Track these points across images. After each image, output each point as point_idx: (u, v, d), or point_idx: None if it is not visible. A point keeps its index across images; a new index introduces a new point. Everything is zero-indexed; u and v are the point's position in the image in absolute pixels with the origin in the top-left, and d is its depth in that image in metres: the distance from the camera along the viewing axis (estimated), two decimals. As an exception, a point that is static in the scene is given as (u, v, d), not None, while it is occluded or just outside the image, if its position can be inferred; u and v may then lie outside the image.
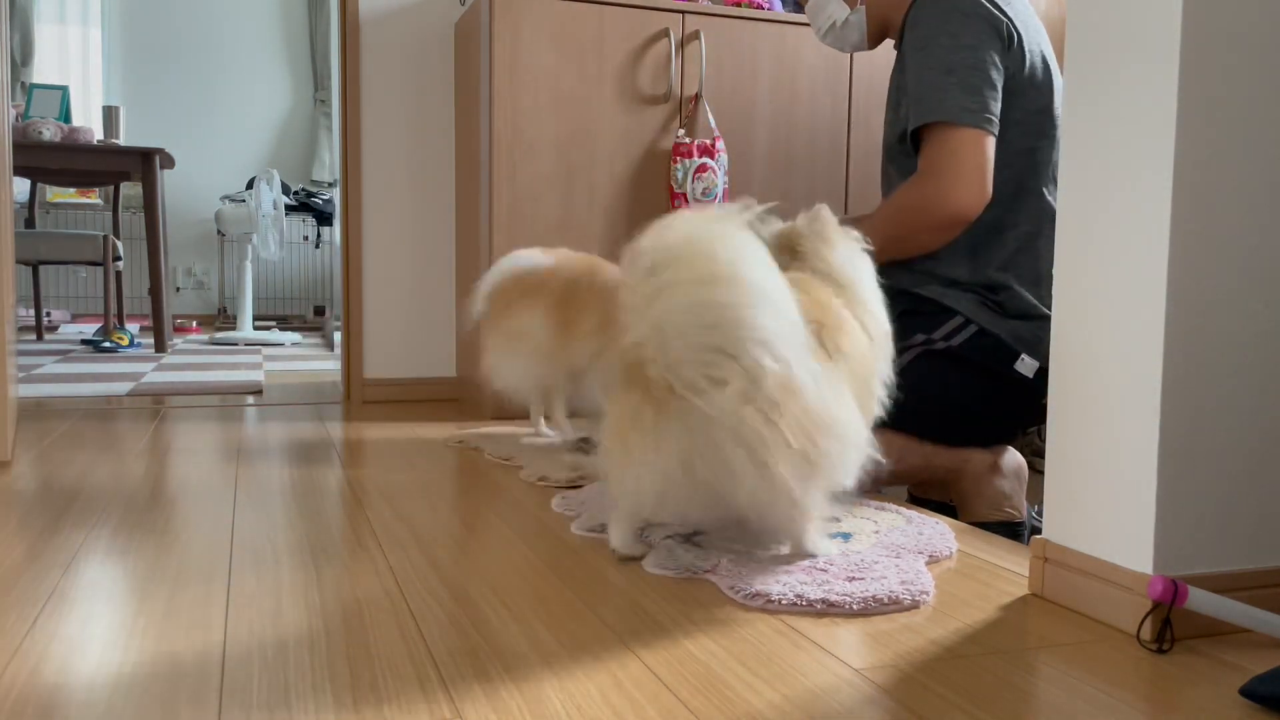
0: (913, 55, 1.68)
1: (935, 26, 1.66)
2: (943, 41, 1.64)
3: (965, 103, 1.61)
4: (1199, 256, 1.02)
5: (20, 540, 1.34)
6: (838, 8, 1.86)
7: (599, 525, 1.39)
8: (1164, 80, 1.01)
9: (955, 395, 1.66)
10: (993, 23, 1.65)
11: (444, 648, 0.98)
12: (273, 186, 5.09)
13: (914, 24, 1.71)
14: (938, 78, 1.63)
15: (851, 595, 1.10)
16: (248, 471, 1.81)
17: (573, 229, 2.48)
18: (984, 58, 1.63)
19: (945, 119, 1.62)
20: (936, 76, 1.63)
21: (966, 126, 1.61)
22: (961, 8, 1.65)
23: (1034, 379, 1.67)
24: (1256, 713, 0.86)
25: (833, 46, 1.95)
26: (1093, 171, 1.10)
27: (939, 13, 1.67)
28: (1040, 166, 1.71)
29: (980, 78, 1.62)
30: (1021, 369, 1.66)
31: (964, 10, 1.65)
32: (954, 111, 1.61)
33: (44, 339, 4.93)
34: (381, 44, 2.76)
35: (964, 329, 1.67)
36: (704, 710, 0.85)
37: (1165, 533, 1.03)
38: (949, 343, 1.66)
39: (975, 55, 1.63)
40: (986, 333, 1.66)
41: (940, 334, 1.67)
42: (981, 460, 1.72)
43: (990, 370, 1.66)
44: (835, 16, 1.87)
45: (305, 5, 6.74)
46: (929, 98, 1.63)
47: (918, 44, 1.68)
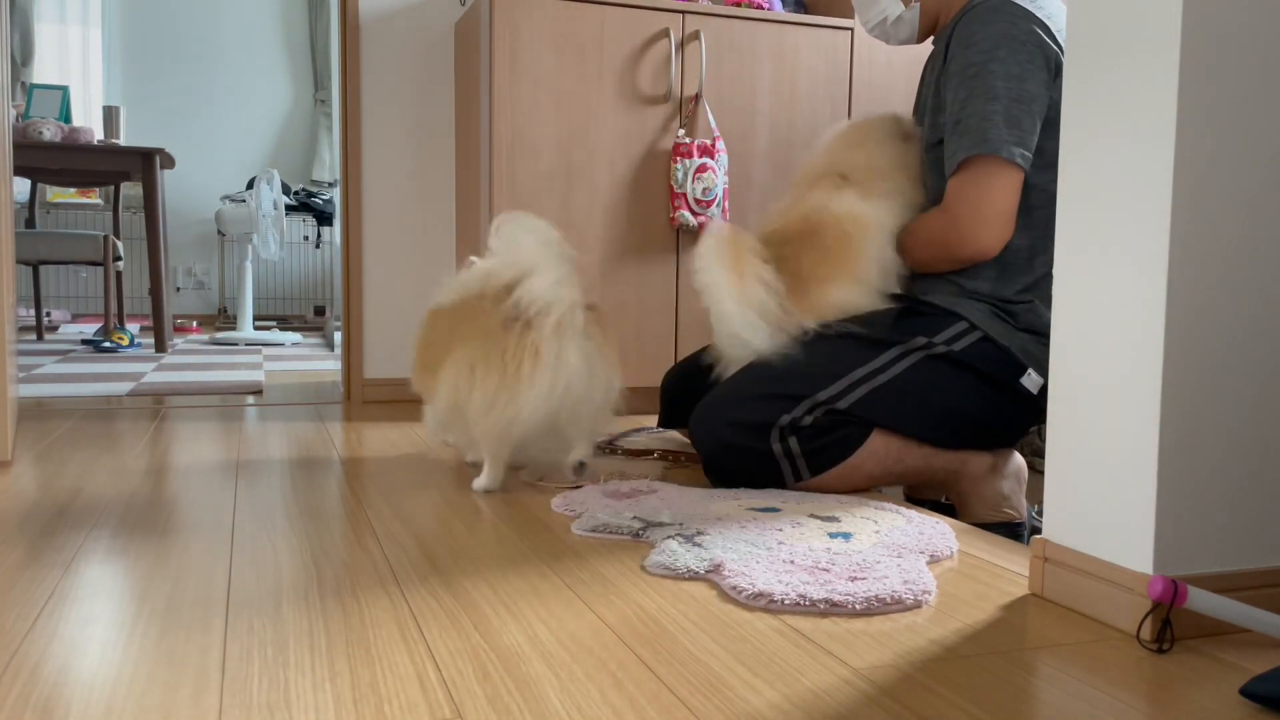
0: (960, 77, 1.66)
1: (987, 51, 1.63)
2: (993, 69, 1.62)
3: (1006, 135, 1.61)
4: (1199, 256, 1.02)
5: (20, 540, 1.34)
6: (892, 4, 1.85)
7: (601, 525, 1.39)
8: (1164, 81, 1.01)
9: (954, 400, 1.65)
10: (1044, 51, 1.63)
11: (444, 648, 0.98)
12: (273, 186, 5.09)
13: (965, 40, 1.68)
14: (983, 105, 1.62)
15: (854, 595, 1.11)
16: (248, 472, 1.81)
17: (573, 229, 2.48)
18: (1030, 89, 1.62)
19: (984, 152, 1.61)
20: (981, 104, 1.62)
21: (1003, 163, 1.62)
22: (1015, 34, 1.63)
23: (1037, 395, 1.66)
24: (1256, 713, 0.86)
25: (877, 38, 1.94)
26: (1093, 172, 1.10)
27: (992, 36, 1.64)
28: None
29: (1023, 110, 1.62)
30: (1027, 384, 1.65)
31: (1018, 37, 1.63)
32: (995, 144, 1.61)
33: (44, 339, 4.93)
34: (381, 44, 2.76)
35: (967, 335, 1.66)
36: (704, 710, 0.85)
37: (1165, 533, 1.03)
38: (950, 347, 1.64)
39: (1021, 86, 1.62)
40: (994, 343, 1.65)
41: (942, 338, 1.65)
42: (981, 462, 1.71)
43: (991, 378, 1.65)
44: (889, 12, 1.86)
45: (305, 5, 6.74)
46: (973, 128, 1.62)
47: (968, 67, 1.65)
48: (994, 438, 1.72)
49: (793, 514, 1.47)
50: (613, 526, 1.39)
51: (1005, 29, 1.63)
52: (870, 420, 1.62)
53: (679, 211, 2.50)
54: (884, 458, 1.65)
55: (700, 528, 1.37)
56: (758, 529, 1.37)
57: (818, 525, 1.40)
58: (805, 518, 1.44)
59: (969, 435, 1.69)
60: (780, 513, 1.47)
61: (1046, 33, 1.64)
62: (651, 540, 1.34)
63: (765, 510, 1.48)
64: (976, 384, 1.64)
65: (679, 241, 2.56)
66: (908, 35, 1.88)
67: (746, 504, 1.52)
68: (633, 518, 1.42)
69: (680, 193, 2.49)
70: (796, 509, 1.50)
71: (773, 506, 1.51)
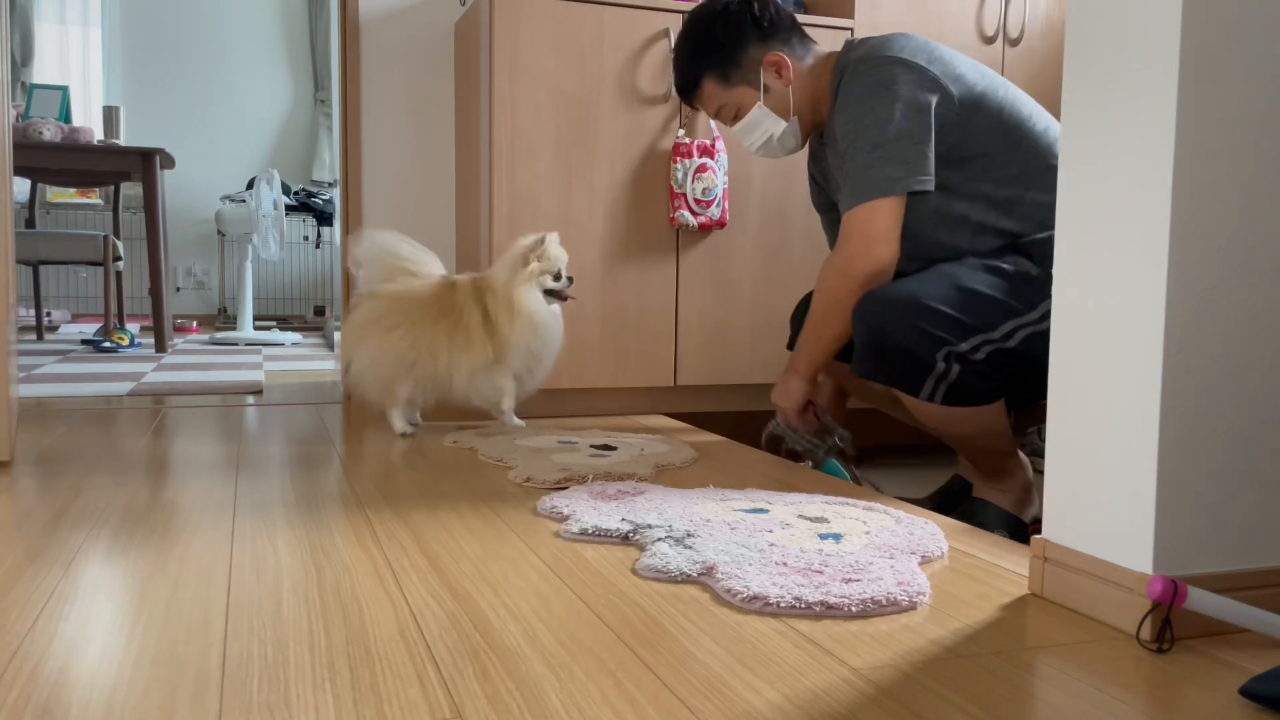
0: (844, 137, 1.79)
1: (854, 112, 1.77)
2: (866, 121, 1.75)
3: (891, 173, 1.73)
4: (1199, 256, 1.03)
5: (20, 540, 1.34)
6: (773, 123, 1.94)
7: (590, 527, 1.39)
8: (1164, 81, 1.01)
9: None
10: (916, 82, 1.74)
11: (444, 648, 0.98)
12: (273, 186, 5.09)
13: (841, 107, 1.81)
14: (865, 156, 1.75)
15: (849, 597, 1.10)
16: (247, 471, 1.81)
17: (573, 229, 2.48)
18: (906, 125, 1.73)
19: (869, 198, 1.74)
20: (864, 155, 1.75)
21: (882, 197, 1.73)
22: (881, 81, 1.75)
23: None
24: (1256, 713, 0.86)
25: (766, 157, 2.04)
26: (1092, 172, 1.10)
27: (860, 92, 1.77)
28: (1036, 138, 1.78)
29: (906, 144, 1.73)
30: None
31: (883, 83, 1.75)
32: (881, 186, 1.73)
33: (44, 339, 4.93)
34: (381, 44, 2.76)
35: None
36: (704, 710, 0.85)
37: (1165, 533, 1.03)
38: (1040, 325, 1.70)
39: (897, 126, 1.73)
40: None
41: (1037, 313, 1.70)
42: (1027, 474, 1.85)
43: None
44: (772, 131, 1.95)
45: (305, 5, 6.74)
46: (860, 179, 1.75)
47: (847, 126, 1.78)
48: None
49: (781, 515, 1.47)
50: (602, 529, 1.38)
51: (873, 83, 1.76)
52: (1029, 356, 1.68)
53: (679, 211, 2.50)
54: (989, 426, 1.76)
55: (690, 529, 1.37)
56: (748, 530, 1.37)
57: (807, 526, 1.40)
58: (794, 519, 1.44)
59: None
60: (769, 514, 1.47)
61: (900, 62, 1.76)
62: (641, 542, 1.33)
63: (753, 511, 1.49)
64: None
65: (679, 241, 2.56)
66: (793, 145, 1.99)
67: (734, 505, 1.53)
68: (621, 519, 1.42)
69: (680, 193, 2.49)
70: (784, 510, 1.50)
71: (761, 508, 1.51)
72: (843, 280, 1.78)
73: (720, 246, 2.60)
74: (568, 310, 2.50)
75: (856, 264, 1.76)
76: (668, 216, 2.53)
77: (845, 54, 1.86)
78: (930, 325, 1.67)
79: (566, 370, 2.50)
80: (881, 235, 1.74)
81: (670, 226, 2.54)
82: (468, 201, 2.69)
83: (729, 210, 2.57)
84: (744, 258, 2.61)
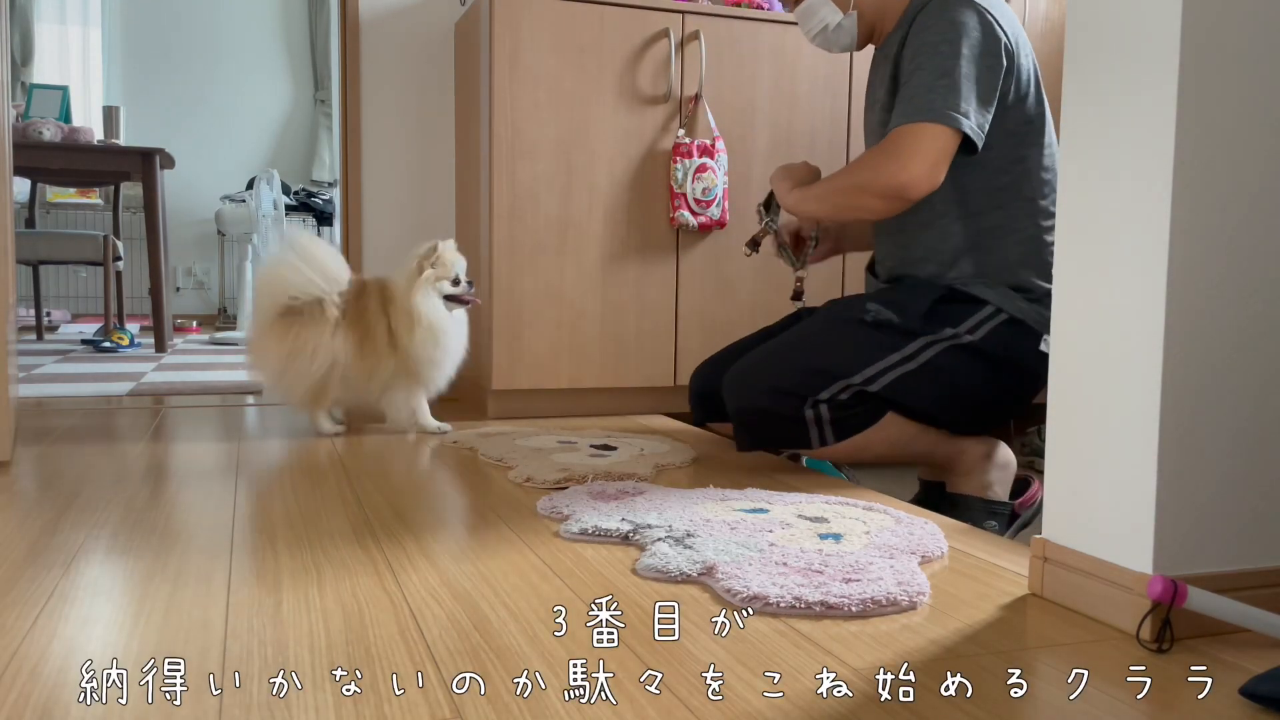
0: (912, 61, 1.74)
1: (937, 37, 1.72)
2: (942, 50, 1.70)
3: (948, 102, 1.68)
4: (1199, 256, 1.02)
5: (20, 540, 1.34)
6: (830, 12, 1.91)
7: (590, 528, 1.39)
8: (1164, 81, 1.01)
9: (971, 387, 1.78)
10: (994, 37, 1.72)
11: (444, 648, 0.98)
12: (273, 186, 5.09)
13: (919, 32, 1.76)
14: (931, 81, 1.70)
15: (849, 597, 1.10)
16: (247, 471, 1.81)
17: (573, 229, 2.48)
18: (977, 70, 1.70)
19: (922, 119, 1.68)
20: (930, 80, 1.70)
21: (937, 123, 1.68)
22: (964, 22, 1.71)
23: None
24: (1256, 713, 0.86)
25: (820, 47, 2.00)
26: (1093, 172, 1.10)
27: (942, 26, 1.73)
28: (1032, 173, 1.79)
29: (969, 86, 1.69)
30: (1045, 348, 1.75)
31: (966, 25, 1.71)
32: (936, 111, 1.68)
33: (44, 339, 4.93)
34: (381, 44, 2.76)
35: (992, 319, 1.76)
36: (704, 710, 0.85)
37: (1165, 533, 1.03)
38: (974, 336, 1.75)
39: (970, 65, 1.70)
40: (1014, 320, 1.76)
41: (966, 326, 1.75)
42: (977, 450, 1.84)
43: (1007, 360, 1.76)
44: (828, 20, 1.92)
45: (305, 5, 6.74)
46: (917, 99, 1.70)
47: (919, 52, 1.73)
48: (1004, 414, 1.88)
49: (781, 515, 1.47)
50: (602, 529, 1.38)
51: (954, 18, 1.72)
52: (897, 402, 1.76)
53: (679, 211, 2.50)
54: (895, 439, 1.79)
55: (690, 529, 1.37)
56: (748, 530, 1.37)
57: (807, 526, 1.40)
58: (794, 519, 1.44)
59: (979, 417, 1.83)
60: (769, 514, 1.47)
61: (989, 21, 1.72)
62: (641, 542, 1.33)
63: (754, 511, 1.48)
64: (993, 370, 1.77)
65: (679, 241, 2.56)
66: (848, 42, 1.95)
67: (734, 505, 1.52)
68: (621, 519, 1.42)
69: (680, 193, 2.49)
70: (784, 510, 1.50)
71: (760, 508, 1.51)
72: (870, 183, 1.73)
73: (720, 246, 2.60)
74: (568, 309, 2.50)
75: (883, 172, 1.71)
76: (668, 216, 2.53)
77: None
78: (786, 385, 1.75)
79: (566, 370, 2.50)
80: (926, 155, 1.67)
81: (670, 226, 2.54)
82: (468, 201, 2.69)
83: (729, 210, 2.57)
84: (744, 258, 2.61)
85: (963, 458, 1.83)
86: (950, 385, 1.75)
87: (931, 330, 1.75)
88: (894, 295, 1.83)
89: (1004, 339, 1.75)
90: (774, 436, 1.82)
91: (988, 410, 1.83)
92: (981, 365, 1.76)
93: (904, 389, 1.74)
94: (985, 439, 1.85)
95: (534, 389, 2.49)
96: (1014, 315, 1.75)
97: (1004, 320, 1.75)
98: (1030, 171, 1.78)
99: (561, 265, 2.48)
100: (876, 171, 1.72)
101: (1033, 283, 1.78)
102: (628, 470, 1.78)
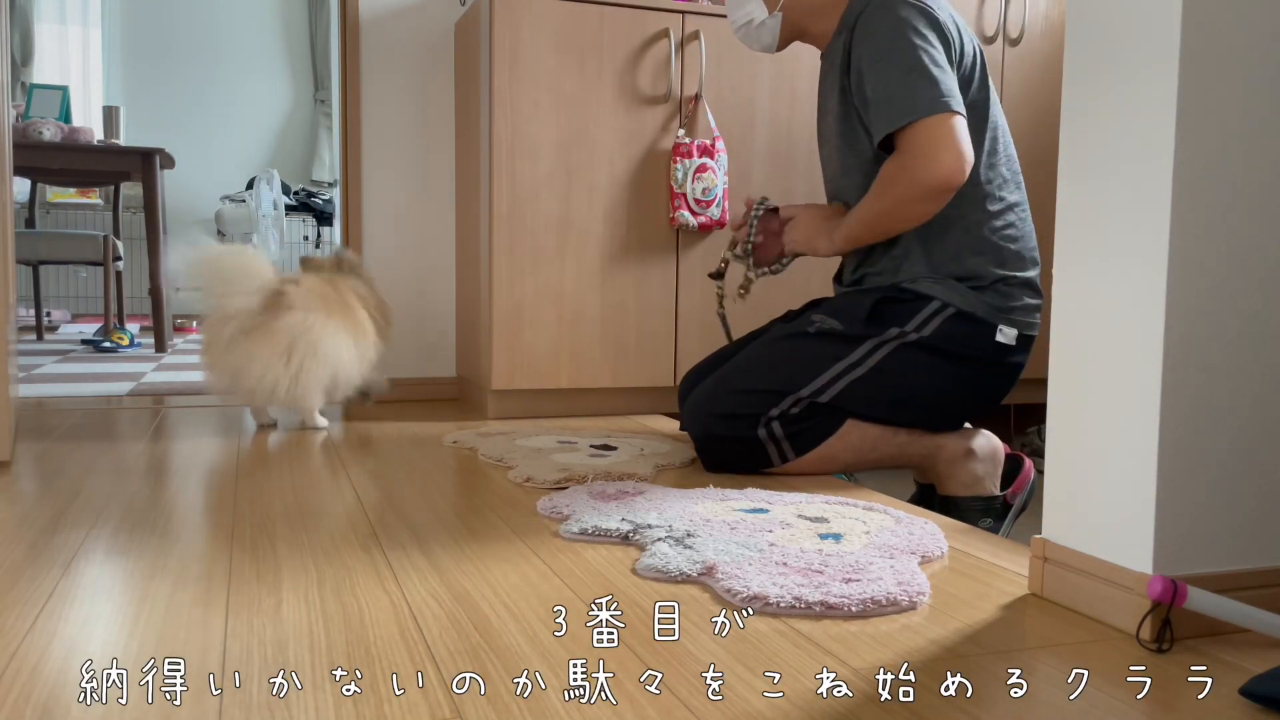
0: (870, 64, 1.74)
1: (889, 36, 1.73)
2: (900, 45, 1.71)
3: (932, 94, 1.68)
4: (1199, 256, 1.02)
5: (20, 540, 1.34)
6: (757, 7, 1.91)
7: (590, 528, 1.39)
8: (1164, 80, 1.01)
9: (927, 385, 1.76)
10: (938, 25, 1.74)
11: (444, 647, 0.98)
12: (273, 186, 5.09)
13: (865, 35, 1.77)
14: (901, 77, 1.70)
15: (849, 597, 1.10)
16: (247, 471, 1.81)
17: (573, 229, 2.48)
18: (936, 56, 1.71)
19: (916, 116, 1.68)
20: (900, 76, 1.70)
21: (936, 114, 1.68)
22: (911, 19, 1.73)
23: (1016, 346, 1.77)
24: (1256, 713, 0.86)
25: (743, 42, 2.00)
26: (1092, 172, 1.10)
27: (888, 24, 1.74)
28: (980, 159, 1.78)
29: (939, 70, 1.70)
30: (1002, 339, 1.76)
31: (913, 21, 1.73)
32: (924, 106, 1.68)
33: (44, 339, 4.93)
34: (381, 44, 2.76)
35: (939, 314, 1.75)
36: (704, 710, 0.85)
37: (1165, 533, 1.03)
38: (920, 333, 1.74)
39: (929, 54, 1.70)
40: (962, 313, 1.74)
41: (913, 324, 1.74)
42: (955, 445, 1.81)
43: (963, 355, 1.75)
44: (754, 15, 1.92)
45: (305, 5, 6.74)
46: (897, 100, 1.70)
47: (874, 55, 1.74)
48: (970, 409, 1.84)
49: (781, 515, 1.47)
50: (602, 529, 1.38)
51: (900, 17, 1.73)
52: (851, 411, 1.75)
53: (679, 211, 2.50)
54: (859, 446, 1.78)
55: (690, 529, 1.37)
56: (748, 530, 1.37)
57: (807, 526, 1.40)
58: (794, 518, 1.44)
59: (945, 412, 1.81)
60: (769, 514, 1.47)
61: (927, 12, 1.74)
62: (641, 542, 1.33)
63: (754, 511, 1.48)
64: (949, 364, 1.75)
65: (679, 241, 2.56)
66: (769, 42, 1.96)
67: (734, 505, 1.52)
68: (621, 519, 1.42)
69: (680, 193, 2.49)
70: (784, 510, 1.50)
71: (760, 507, 1.51)
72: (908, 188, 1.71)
73: (720, 247, 2.59)
74: (568, 309, 2.51)
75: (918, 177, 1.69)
76: (668, 216, 2.53)
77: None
78: (734, 409, 1.76)
79: (566, 370, 2.50)
80: (951, 145, 1.66)
81: (670, 226, 2.54)
82: (468, 201, 2.69)
83: (729, 210, 2.57)
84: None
85: (941, 454, 1.81)
86: (903, 386, 1.75)
87: (876, 332, 1.74)
88: (837, 302, 1.82)
89: (953, 333, 1.74)
90: (735, 460, 1.80)
91: (951, 406, 1.81)
92: (933, 361, 1.74)
93: (854, 395, 1.74)
94: (964, 432, 1.83)
95: (534, 389, 2.49)
96: (961, 309, 1.74)
97: (952, 314, 1.74)
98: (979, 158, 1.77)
99: (561, 265, 2.48)
100: (911, 180, 1.70)
101: (983, 270, 1.76)
102: (628, 470, 1.78)
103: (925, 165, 1.68)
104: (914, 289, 1.77)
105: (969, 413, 1.84)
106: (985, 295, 1.76)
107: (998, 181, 1.79)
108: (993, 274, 1.76)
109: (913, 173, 1.69)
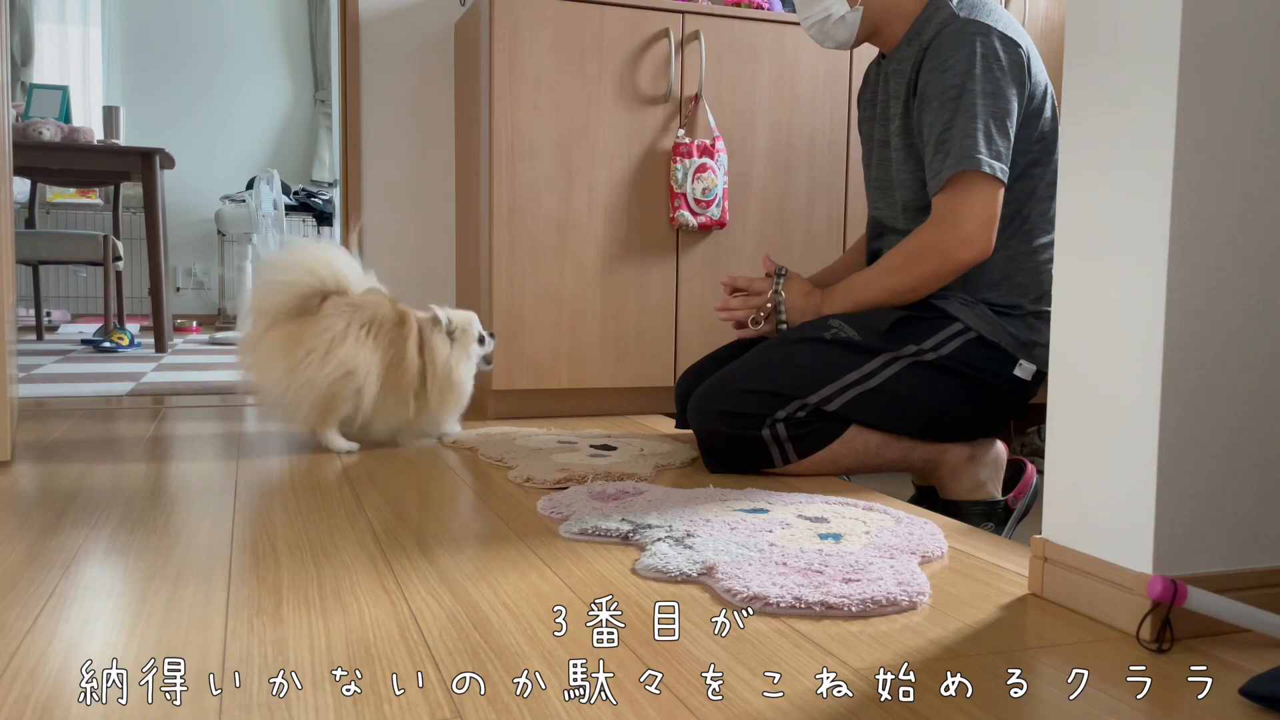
0: (940, 100, 1.70)
1: (963, 73, 1.68)
2: (971, 88, 1.67)
3: (986, 150, 1.66)
4: (1199, 255, 1.02)
5: (20, 540, 1.34)
6: (836, 2, 1.83)
7: (590, 528, 1.39)
8: (1164, 81, 1.01)
9: (937, 404, 1.75)
10: (1018, 62, 1.69)
11: (444, 648, 0.98)
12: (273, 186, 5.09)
13: (939, 65, 1.71)
14: (965, 124, 1.67)
15: (849, 597, 1.10)
16: (248, 471, 1.81)
17: (573, 229, 2.48)
18: (1004, 106, 1.68)
19: (968, 168, 1.66)
20: (964, 123, 1.67)
21: (989, 177, 1.67)
22: (985, 53, 1.68)
23: (1030, 381, 1.75)
24: (1256, 713, 0.86)
25: (813, 38, 1.92)
26: (1092, 173, 1.10)
27: (964, 58, 1.68)
28: (1037, 191, 1.77)
29: (1000, 126, 1.68)
30: (1020, 373, 1.74)
31: (988, 56, 1.68)
32: (977, 160, 1.66)
33: (44, 339, 4.93)
34: (381, 44, 2.76)
35: (958, 337, 1.73)
36: (704, 710, 0.85)
37: (1165, 533, 1.03)
38: (938, 353, 1.73)
39: (997, 104, 1.68)
40: (984, 340, 1.73)
41: (931, 344, 1.73)
42: (958, 453, 1.81)
43: (977, 379, 1.74)
44: (831, 11, 1.84)
45: (305, 5, 6.74)
46: (957, 145, 1.67)
47: (946, 90, 1.69)
48: (976, 430, 1.82)
49: (781, 515, 1.47)
50: (602, 529, 1.38)
51: (975, 49, 1.68)
52: (856, 420, 1.74)
53: (679, 211, 2.50)
54: (862, 451, 1.77)
55: (690, 529, 1.37)
56: (748, 530, 1.36)
57: (807, 526, 1.40)
58: (794, 519, 1.44)
59: (949, 431, 1.80)
60: (769, 514, 1.47)
61: (1010, 43, 1.70)
62: (641, 542, 1.33)
63: (754, 511, 1.48)
64: (961, 386, 1.74)
65: (679, 241, 2.56)
66: (845, 38, 1.88)
67: (734, 505, 1.52)
68: (621, 519, 1.42)
69: (680, 193, 2.49)
70: (784, 510, 1.50)
71: (761, 508, 1.51)
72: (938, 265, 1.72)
73: (720, 246, 2.60)
74: (568, 310, 2.51)
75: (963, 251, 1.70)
76: (668, 216, 2.53)
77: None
78: (739, 408, 1.74)
79: (566, 370, 2.50)
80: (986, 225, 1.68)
81: (670, 226, 2.54)
82: (468, 201, 2.69)
83: (729, 210, 2.57)
84: (744, 258, 2.61)
85: (944, 459, 1.80)
86: (912, 404, 1.73)
87: (892, 347, 1.73)
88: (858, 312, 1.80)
89: (970, 358, 1.72)
90: (736, 458, 1.79)
91: (956, 424, 1.79)
92: (946, 382, 1.73)
93: (861, 408, 1.72)
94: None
95: (534, 389, 2.49)
96: (985, 336, 1.72)
97: (973, 339, 1.72)
98: (1035, 190, 1.76)
99: (561, 265, 2.48)
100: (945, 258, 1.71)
101: (1019, 301, 1.75)
102: (628, 470, 1.78)
103: (959, 245, 1.69)
104: (941, 306, 1.75)
105: (973, 433, 1.82)
106: (1013, 325, 1.74)
107: (1050, 215, 1.76)
108: (1027, 307, 1.75)
109: (949, 250, 1.70)
